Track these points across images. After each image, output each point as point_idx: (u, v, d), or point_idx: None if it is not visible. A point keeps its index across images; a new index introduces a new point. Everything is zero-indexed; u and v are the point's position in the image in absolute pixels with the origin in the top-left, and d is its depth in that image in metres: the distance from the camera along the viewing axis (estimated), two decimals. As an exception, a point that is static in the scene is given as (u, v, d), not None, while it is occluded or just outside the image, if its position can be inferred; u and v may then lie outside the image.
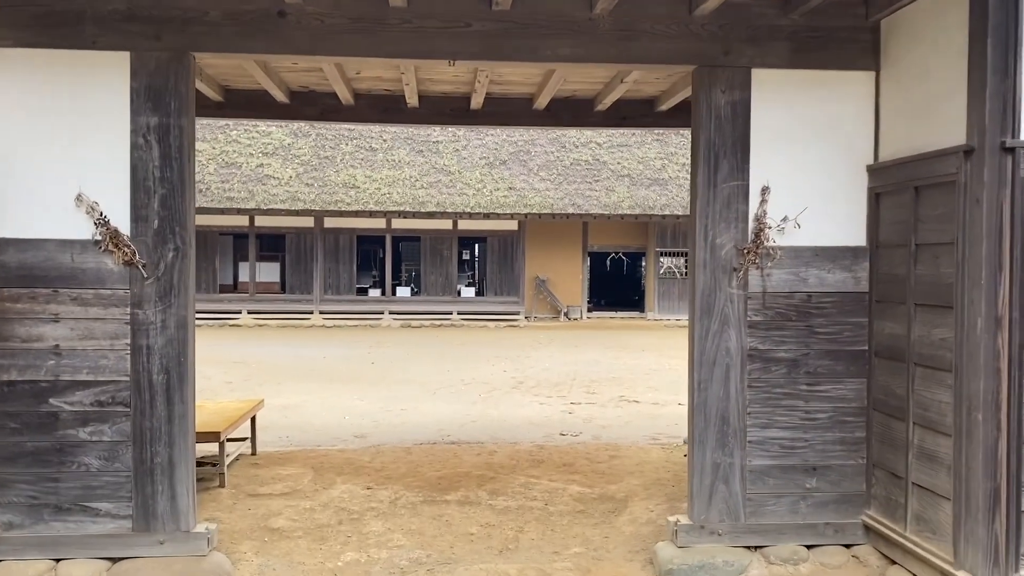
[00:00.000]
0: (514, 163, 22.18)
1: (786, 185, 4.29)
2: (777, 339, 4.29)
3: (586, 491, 5.59)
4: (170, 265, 4.11)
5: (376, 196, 20.80)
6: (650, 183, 21.97)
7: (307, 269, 22.05)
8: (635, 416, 8.84)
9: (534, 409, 9.19)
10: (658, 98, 6.57)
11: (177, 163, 4.09)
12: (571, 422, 8.42)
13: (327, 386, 10.87)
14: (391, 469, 6.09)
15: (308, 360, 13.88)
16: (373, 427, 8.05)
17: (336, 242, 22.15)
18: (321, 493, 5.51)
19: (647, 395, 10.27)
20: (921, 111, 3.94)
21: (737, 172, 4.25)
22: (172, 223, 4.10)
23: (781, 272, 4.29)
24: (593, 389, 10.73)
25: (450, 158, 22.04)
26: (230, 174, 20.90)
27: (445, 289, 22.50)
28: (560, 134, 22.89)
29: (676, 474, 6.04)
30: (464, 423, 8.29)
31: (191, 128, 4.16)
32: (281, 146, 21.78)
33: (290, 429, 7.96)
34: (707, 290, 4.26)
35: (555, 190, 21.61)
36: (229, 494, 5.52)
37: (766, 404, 4.28)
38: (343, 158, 21.70)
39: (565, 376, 11.95)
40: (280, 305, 21.97)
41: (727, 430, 4.25)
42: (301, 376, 11.83)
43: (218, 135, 21.79)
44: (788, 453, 4.29)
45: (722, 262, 4.25)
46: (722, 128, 4.24)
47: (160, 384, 4.07)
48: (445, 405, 9.40)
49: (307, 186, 20.88)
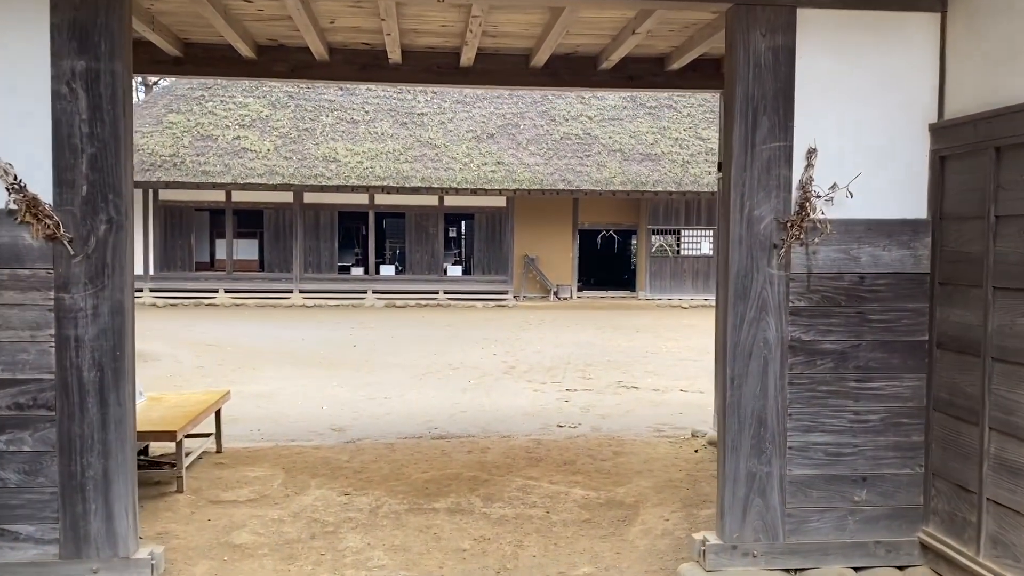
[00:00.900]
0: (502, 136, 21.42)
1: (835, 147, 3.64)
2: (823, 328, 3.67)
3: (591, 495, 4.98)
4: (102, 240, 3.41)
5: (358, 170, 20.00)
6: (642, 158, 21.29)
7: (287, 246, 21.26)
8: (635, 404, 8.25)
9: (528, 397, 8.58)
10: (669, 55, 5.90)
11: (110, 116, 3.38)
12: (568, 411, 7.81)
13: (305, 372, 10.19)
14: (372, 470, 5.45)
15: (286, 342, 13.19)
16: (353, 419, 7.40)
17: (317, 218, 21.36)
18: (292, 500, 4.87)
19: (646, 380, 9.68)
20: (1004, 55, 3.29)
21: (779, 131, 3.60)
22: (104, 189, 3.40)
23: (829, 249, 3.65)
24: (589, 374, 10.13)
25: (436, 131, 21.24)
26: (205, 147, 20.01)
27: (431, 268, 21.80)
28: (550, 106, 22.15)
29: (689, 474, 5.45)
30: (453, 414, 7.66)
31: (127, 75, 3.44)
32: (259, 118, 20.89)
33: (263, 421, 7.30)
34: (743, 270, 3.62)
35: (545, 165, 20.89)
36: (188, 501, 4.86)
37: (809, 404, 3.67)
38: (323, 130, 20.85)
39: (559, 360, 11.34)
40: (259, 284, 21.19)
41: (764, 434, 3.63)
42: (278, 360, 11.15)
43: (193, 107, 20.85)
44: (834, 461, 3.68)
45: (760, 238, 3.61)
46: (762, 79, 3.58)
47: (92, 383, 3.39)
48: (432, 393, 8.77)
49: (286, 159, 20.04)
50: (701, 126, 22.19)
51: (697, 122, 22.28)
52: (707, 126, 22.20)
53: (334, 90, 21.80)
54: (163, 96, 21.58)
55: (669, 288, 22.24)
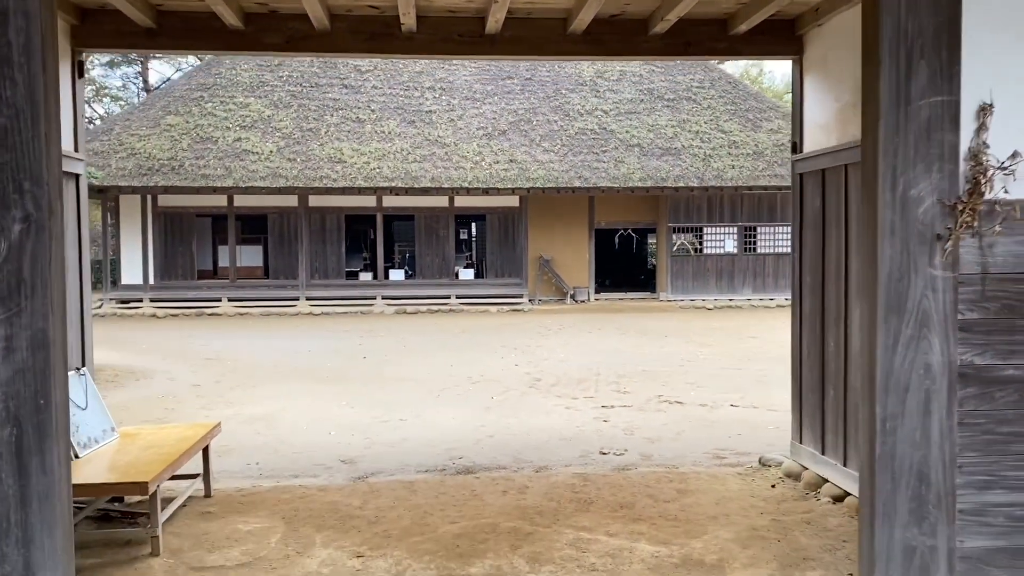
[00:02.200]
0: (514, 133, 20.47)
1: (1017, 102, 2.68)
2: (1004, 349, 2.71)
3: (662, 552, 4.02)
4: (16, 246, 2.47)
5: (365, 171, 19.08)
6: (662, 153, 20.31)
7: (292, 252, 20.37)
8: (684, 423, 7.28)
9: (561, 416, 7.62)
10: (734, 16, 4.96)
11: (23, 75, 2.45)
12: (610, 434, 6.84)
13: (311, 388, 9.27)
14: (390, 520, 4.50)
15: (291, 355, 12.26)
16: (365, 447, 6.46)
17: (323, 222, 20.46)
18: (293, 564, 3.93)
19: (689, 393, 8.70)
20: None
21: (941, 80, 2.65)
22: (17, 175, 2.46)
23: (1011, 241, 2.70)
24: (624, 386, 9.16)
25: (445, 129, 20.31)
26: (205, 150, 19.13)
27: (442, 271, 20.86)
28: (563, 101, 21.19)
29: (775, 519, 4.48)
30: (479, 438, 6.71)
31: (49, 18, 2.51)
32: (260, 118, 20.01)
33: (261, 451, 6.37)
34: (895, 272, 2.66)
35: (559, 162, 19.93)
36: (164, 567, 3.93)
37: (987, 451, 2.71)
38: (328, 130, 19.94)
39: (587, 370, 10.38)
40: (263, 291, 20.30)
41: (926, 493, 2.67)
42: (281, 375, 10.22)
43: (192, 108, 19.99)
44: (1021, 528, 2.72)
45: (919, 226, 2.66)
46: (917, 7, 2.62)
47: (5, 444, 2.46)
48: (452, 412, 7.82)
49: (289, 161, 19.14)
50: (723, 118, 21.20)
51: (718, 114, 21.29)
52: (728, 118, 21.22)
53: (338, 88, 20.93)
54: (161, 97, 20.74)
55: (691, 288, 21.23)
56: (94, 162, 18.55)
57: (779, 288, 21.24)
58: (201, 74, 21.22)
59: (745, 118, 21.35)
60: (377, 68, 21.54)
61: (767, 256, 21.37)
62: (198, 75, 21.26)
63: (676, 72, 22.32)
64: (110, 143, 18.97)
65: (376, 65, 21.60)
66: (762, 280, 21.37)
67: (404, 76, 21.48)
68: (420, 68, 21.70)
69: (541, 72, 22.04)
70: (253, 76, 20.92)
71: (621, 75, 22.12)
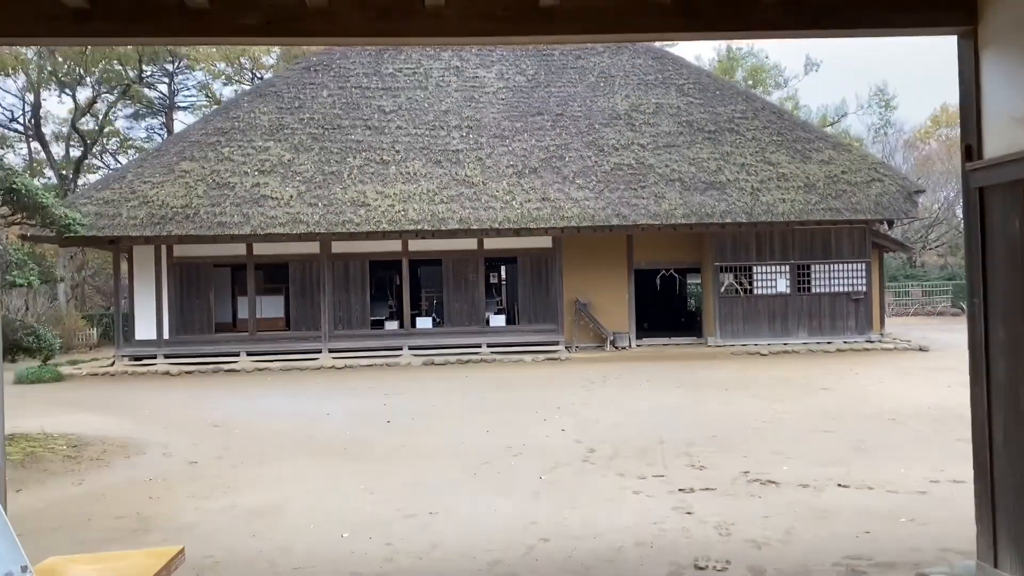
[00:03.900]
0: (546, 170, 19.24)
1: None
2: None
3: None
4: None
5: (389, 214, 17.92)
6: (705, 187, 18.92)
7: (314, 302, 19.18)
8: (789, 514, 5.74)
9: (630, 506, 6.11)
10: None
11: None
12: (700, 535, 5.32)
13: (324, 466, 7.86)
14: None
15: (307, 419, 10.90)
16: (385, 559, 5.01)
17: (346, 269, 19.29)
18: None
19: (780, 468, 7.15)
20: None
21: None
22: None
23: None
24: (697, 458, 7.63)
25: (473, 168, 19.14)
26: (222, 196, 18.12)
27: (472, 318, 19.52)
28: (596, 136, 19.97)
29: None
30: (530, 544, 5.23)
31: None
32: (280, 162, 19.01)
33: (254, 565, 4.95)
34: None
35: (595, 199, 18.62)
36: None
37: None
38: (351, 173, 18.88)
39: (648, 435, 8.86)
40: (284, 344, 19.08)
41: None
42: (292, 449, 8.84)
43: (207, 153, 19.07)
44: None
45: None
46: None
47: None
48: (493, 501, 6.35)
49: (310, 206, 18.05)
50: (769, 149, 19.81)
51: (764, 145, 19.91)
52: (775, 149, 19.84)
53: (361, 129, 19.94)
54: (175, 143, 19.87)
55: (742, 332, 19.62)
56: (104, 211, 17.63)
57: (836, 331, 19.59)
58: (218, 118, 20.38)
59: (793, 149, 19.94)
60: (402, 109, 20.57)
61: (822, 296, 19.75)
62: (215, 119, 20.42)
63: (715, 103, 21.06)
64: (121, 191, 18.05)
65: (400, 105, 20.64)
66: (818, 322, 19.73)
67: (429, 115, 20.46)
68: (446, 107, 20.69)
69: (573, 107, 20.90)
70: (273, 119, 20.02)
71: (657, 108, 20.90)
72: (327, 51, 21.53)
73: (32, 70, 31.22)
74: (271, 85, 21.63)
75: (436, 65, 21.98)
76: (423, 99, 20.92)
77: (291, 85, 21.12)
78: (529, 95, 21.26)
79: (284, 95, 20.77)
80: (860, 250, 19.78)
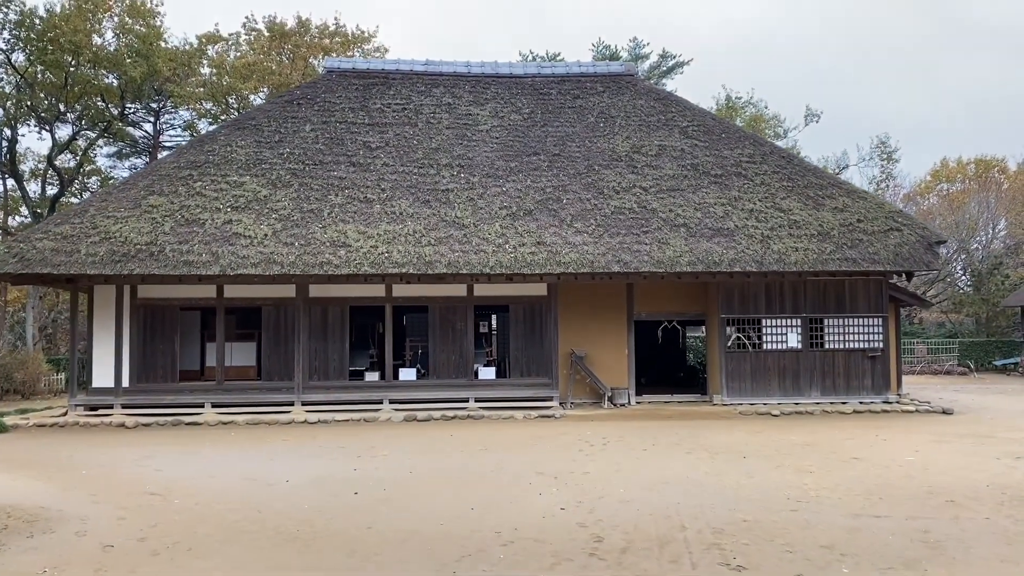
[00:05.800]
0: (542, 213, 17.96)
1: None
2: None
3: None
4: None
5: (372, 256, 16.52)
6: (712, 234, 17.65)
7: (288, 350, 17.67)
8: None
9: (657, 632, 4.60)
10: None
11: None
12: None
13: (264, 559, 6.30)
14: None
15: (261, 488, 9.32)
16: None
17: (324, 315, 17.84)
18: None
19: (837, 570, 5.65)
20: None
21: None
22: None
23: None
24: (731, 552, 6.12)
25: (463, 209, 17.86)
26: (190, 233, 16.71)
27: (459, 370, 18.04)
28: (596, 178, 18.78)
29: None
30: None
31: None
32: (256, 199, 17.68)
33: None
34: None
35: (594, 244, 17.30)
36: None
37: None
38: (331, 211, 17.54)
39: (664, 518, 7.34)
40: (254, 395, 17.50)
41: None
42: (231, 531, 7.26)
43: (178, 187, 17.74)
44: None
45: None
46: None
47: None
48: (475, 617, 4.82)
49: (286, 245, 16.65)
50: (779, 195, 18.65)
51: (774, 191, 18.76)
52: (786, 195, 18.68)
53: (345, 166, 18.70)
54: (144, 176, 18.52)
55: (750, 390, 18.17)
56: (61, 247, 16.20)
57: (851, 390, 18.18)
58: (192, 151, 19.10)
59: (805, 195, 18.78)
60: (389, 145, 19.39)
61: (836, 352, 18.37)
62: (188, 152, 19.14)
63: (721, 146, 20.00)
64: (82, 226, 16.63)
65: (388, 141, 19.47)
66: (831, 380, 18.31)
67: (419, 152, 19.27)
68: (436, 144, 19.54)
69: (571, 147, 19.78)
70: (250, 152, 18.78)
71: (660, 150, 19.80)
72: (311, 83, 20.40)
73: (10, 104, 30.08)
74: (250, 118, 20.41)
75: (427, 101, 20.91)
76: (412, 135, 19.77)
77: (272, 118, 19.94)
78: (525, 134, 20.16)
79: (264, 128, 19.58)
80: (877, 304, 18.50)
